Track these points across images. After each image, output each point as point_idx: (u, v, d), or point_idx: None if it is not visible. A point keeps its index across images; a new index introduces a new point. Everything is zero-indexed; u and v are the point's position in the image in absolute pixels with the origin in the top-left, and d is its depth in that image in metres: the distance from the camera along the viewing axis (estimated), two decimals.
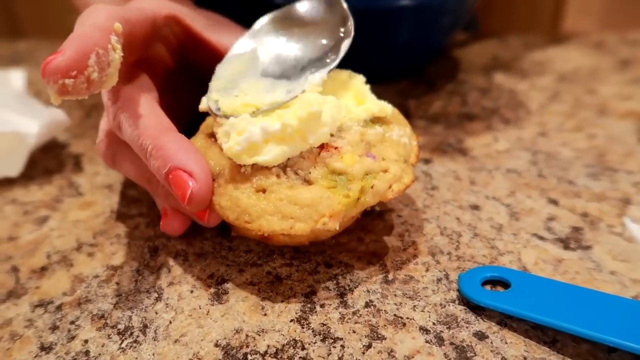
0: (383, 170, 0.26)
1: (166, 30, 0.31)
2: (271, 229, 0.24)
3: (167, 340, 0.24)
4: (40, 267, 0.29)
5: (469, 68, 0.53)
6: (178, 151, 0.25)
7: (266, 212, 0.24)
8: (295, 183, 0.25)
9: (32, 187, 0.36)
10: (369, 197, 0.25)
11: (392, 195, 0.26)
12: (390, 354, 0.23)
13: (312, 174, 0.25)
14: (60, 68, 0.23)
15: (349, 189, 0.25)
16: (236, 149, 0.25)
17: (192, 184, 0.25)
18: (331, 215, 0.24)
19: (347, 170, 0.25)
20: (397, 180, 0.26)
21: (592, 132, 0.41)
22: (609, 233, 0.30)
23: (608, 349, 0.23)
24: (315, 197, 0.24)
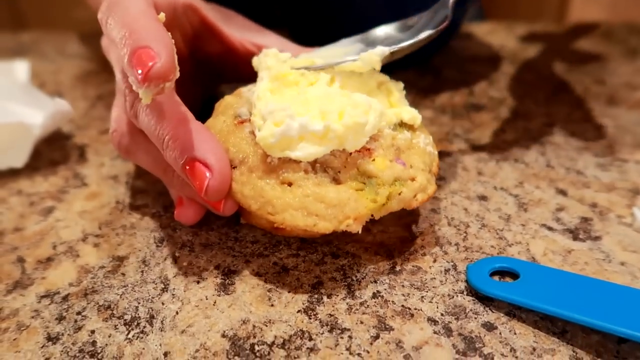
0: (411, 178, 0.26)
1: (184, 18, 0.31)
2: (294, 224, 0.24)
3: (174, 331, 0.24)
4: (46, 258, 0.29)
5: (476, 58, 0.52)
6: (195, 141, 0.25)
7: (291, 207, 0.24)
8: (324, 180, 0.25)
9: (37, 178, 0.36)
10: (395, 204, 0.25)
11: (416, 204, 0.26)
12: (398, 344, 0.23)
13: (341, 174, 0.25)
14: (164, 73, 0.23)
15: (377, 193, 0.25)
16: (270, 140, 0.24)
17: (208, 176, 0.24)
18: (356, 218, 0.24)
19: (378, 175, 0.25)
20: (422, 190, 0.26)
21: (600, 122, 0.40)
22: (618, 224, 0.30)
23: (618, 340, 0.23)
24: (343, 198, 0.24)
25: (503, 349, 0.23)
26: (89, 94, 0.47)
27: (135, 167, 0.36)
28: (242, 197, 0.25)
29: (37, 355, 0.23)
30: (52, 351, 0.23)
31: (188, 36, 0.32)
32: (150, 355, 0.23)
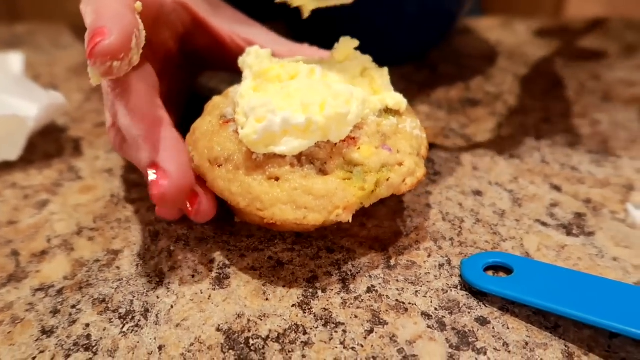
0: (398, 163, 0.26)
1: (173, 16, 0.31)
2: (284, 218, 0.24)
3: (169, 325, 0.24)
4: (41, 251, 0.29)
5: (473, 53, 0.52)
6: (162, 146, 0.25)
7: (280, 201, 0.24)
8: (310, 173, 0.25)
9: (31, 171, 0.35)
10: (384, 190, 0.25)
11: (405, 188, 0.26)
12: (392, 339, 0.23)
13: (327, 165, 0.25)
14: (111, 50, 0.23)
15: (364, 181, 0.25)
16: (253, 137, 0.24)
17: (163, 183, 0.24)
18: (345, 207, 0.24)
19: (364, 162, 0.25)
20: (411, 174, 0.26)
21: (596, 118, 0.40)
22: (612, 219, 0.30)
23: (610, 335, 0.23)
24: (331, 188, 0.24)
25: (496, 344, 0.23)
26: (83, 87, 0.47)
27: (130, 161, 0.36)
28: (230, 195, 0.25)
29: (31, 348, 0.23)
30: (46, 344, 0.23)
31: (178, 33, 0.32)
32: (145, 348, 0.23)
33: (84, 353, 0.23)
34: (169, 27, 0.31)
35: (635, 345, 0.22)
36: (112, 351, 0.23)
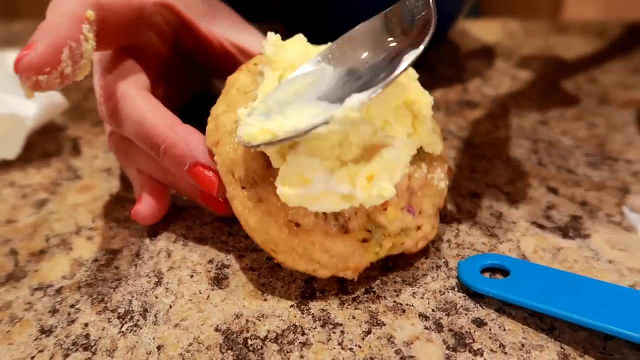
0: (417, 226, 0.25)
1: (157, 18, 0.30)
2: (295, 267, 0.25)
3: (168, 325, 0.24)
4: (39, 251, 0.29)
5: (470, 55, 0.53)
6: (191, 147, 0.26)
7: (295, 251, 0.24)
8: (332, 229, 0.24)
9: (30, 170, 0.35)
10: (394, 250, 0.25)
11: (414, 250, 0.26)
12: (389, 339, 0.23)
13: (350, 222, 0.24)
14: (33, 65, 0.22)
15: (380, 246, 0.25)
16: (293, 201, 0.23)
17: (215, 179, 0.26)
18: (355, 268, 0.25)
19: (387, 226, 0.24)
20: (425, 238, 0.26)
21: (592, 121, 0.41)
22: (607, 222, 0.30)
23: (605, 337, 0.23)
24: (348, 251, 0.24)
25: (492, 345, 0.23)
26: (82, 86, 0.47)
27: None
28: (246, 225, 0.25)
29: (30, 347, 0.23)
30: (45, 343, 0.24)
31: (166, 34, 0.32)
32: (143, 348, 0.23)
33: (82, 352, 0.23)
34: (154, 30, 0.31)
35: (629, 348, 0.23)
36: (111, 351, 0.23)
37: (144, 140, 0.27)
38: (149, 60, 0.31)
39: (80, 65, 0.24)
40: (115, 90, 0.28)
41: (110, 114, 0.28)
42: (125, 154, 0.30)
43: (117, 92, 0.28)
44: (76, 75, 0.24)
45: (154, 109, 0.27)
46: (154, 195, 0.29)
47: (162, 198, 0.30)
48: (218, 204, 0.28)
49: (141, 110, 0.27)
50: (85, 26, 0.24)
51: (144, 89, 0.28)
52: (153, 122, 0.26)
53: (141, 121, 0.27)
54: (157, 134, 0.26)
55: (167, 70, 0.33)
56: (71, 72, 0.24)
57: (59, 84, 0.23)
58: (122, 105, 0.27)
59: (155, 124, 0.26)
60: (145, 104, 0.27)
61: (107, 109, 0.28)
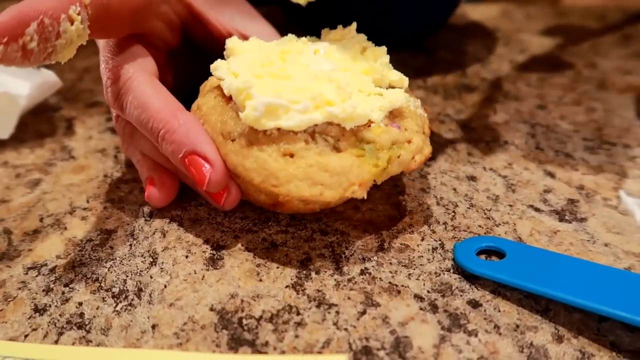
0: (407, 140, 0.26)
1: (165, 7, 0.30)
2: (300, 194, 0.24)
3: (162, 304, 0.24)
4: (33, 230, 0.29)
5: (470, 39, 0.52)
6: (190, 134, 0.25)
7: (296, 177, 0.24)
8: (325, 149, 0.25)
9: (23, 150, 0.35)
10: (395, 167, 0.26)
11: (414, 165, 0.26)
12: (384, 320, 0.23)
13: (340, 142, 0.25)
14: None
15: (377, 158, 0.25)
16: (254, 114, 0.24)
17: (208, 168, 0.25)
18: (360, 183, 0.24)
19: (376, 140, 0.25)
20: (419, 152, 0.26)
21: (591, 106, 0.40)
22: (604, 206, 0.30)
23: (599, 318, 0.23)
24: (346, 165, 0.24)
25: (487, 326, 0.23)
26: (76, 66, 0.46)
27: None
28: (243, 170, 0.25)
29: (24, 325, 0.23)
30: (39, 322, 0.23)
31: (174, 23, 0.31)
32: (138, 327, 0.23)
33: (77, 331, 0.23)
34: (162, 19, 0.30)
35: (623, 329, 0.23)
36: (105, 329, 0.23)
37: (145, 124, 0.26)
38: (158, 48, 0.31)
39: (56, 44, 0.23)
40: (122, 74, 0.27)
41: (115, 98, 0.27)
42: (131, 137, 0.30)
43: (123, 75, 0.27)
44: (50, 55, 0.23)
45: (159, 94, 0.27)
46: (165, 178, 0.29)
47: (172, 180, 0.29)
48: (216, 196, 0.27)
49: (145, 94, 0.26)
50: (74, 7, 0.24)
51: (151, 74, 0.28)
52: (156, 107, 0.26)
53: (144, 105, 0.26)
54: (158, 119, 0.26)
55: (175, 58, 0.33)
56: (39, 49, 0.22)
57: (20, 59, 0.22)
58: (127, 89, 0.27)
59: (158, 109, 0.26)
60: (150, 89, 0.27)
61: (113, 93, 0.27)
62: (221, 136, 0.26)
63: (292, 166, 0.24)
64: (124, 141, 0.31)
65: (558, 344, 0.22)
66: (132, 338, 0.23)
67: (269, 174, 0.24)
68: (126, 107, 0.27)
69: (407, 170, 0.26)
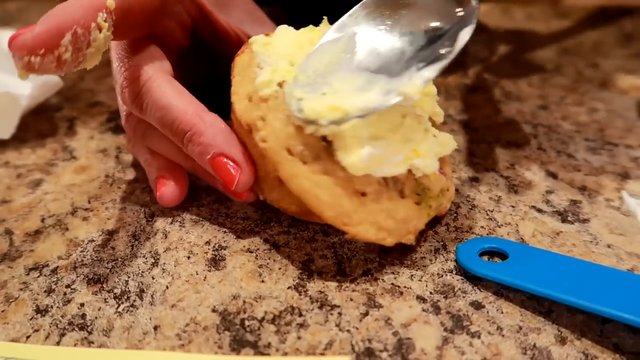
0: (447, 188, 0.27)
1: (178, 7, 0.30)
2: (367, 237, 0.24)
3: (164, 305, 0.24)
4: (35, 231, 0.29)
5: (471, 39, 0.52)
6: (218, 137, 0.26)
7: (367, 221, 0.24)
8: (394, 194, 0.25)
9: (24, 150, 0.35)
10: (435, 212, 0.27)
11: (444, 212, 0.27)
12: (387, 321, 0.23)
13: (405, 186, 0.25)
14: (26, 45, 0.21)
15: (430, 207, 0.25)
16: (359, 166, 0.23)
17: (236, 172, 0.26)
18: (414, 232, 0.25)
19: (431, 187, 0.25)
20: (450, 199, 0.28)
21: (593, 106, 0.40)
22: (606, 207, 0.30)
23: (602, 320, 0.23)
24: (409, 214, 0.25)
25: (490, 327, 0.23)
26: None
27: (125, 142, 0.36)
28: (315, 200, 0.23)
29: (25, 326, 0.23)
30: (41, 323, 0.23)
31: (186, 23, 0.31)
32: (140, 328, 0.23)
33: (78, 332, 0.23)
34: (175, 19, 0.30)
35: (627, 331, 0.23)
36: (107, 331, 0.23)
37: (170, 126, 0.26)
38: (169, 48, 0.31)
39: (86, 53, 0.23)
40: (141, 74, 0.27)
41: (134, 98, 0.27)
42: (143, 136, 0.29)
43: (143, 76, 0.27)
44: (80, 64, 0.24)
45: (181, 94, 0.27)
46: (175, 177, 0.29)
47: (183, 179, 0.30)
48: (239, 192, 0.28)
49: (168, 96, 0.26)
50: (101, 15, 0.24)
51: (169, 74, 0.28)
52: (181, 108, 0.26)
53: (168, 106, 0.26)
54: (184, 120, 0.26)
55: (184, 58, 0.33)
56: (72, 59, 0.23)
57: (55, 69, 0.23)
58: (148, 89, 0.27)
59: (184, 111, 0.26)
60: (171, 89, 0.27)
61: (131, 93, 0.27)
62: (287, 151, 0.24)
63: (365, 209, 0.24)
64: (132, 139, 0.31)
65: (561, 345, 0.22)
66: (134, 339, 0.23)
67: (343, 212, 0.23)
68: (146, 108, 0.27)
69: (439, 215, 0.27)
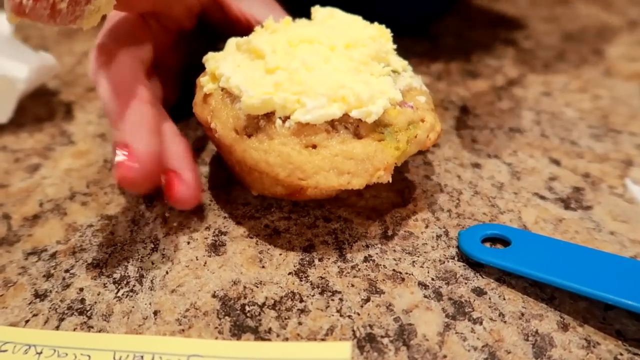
0: (420, 119, 0.26)
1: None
2: (329, 185, 0.24)
3: (164, 290, 0.24)
4: (33, 215, 0.28)
5: (474, 25, 0.51)
6: (133, 126, 0.24)
7: (322, 169, 0.24)
8: (347, 137, 0.24)
9: (22, 135, 0.35)
10: (413, 147, 0.26)
11: (430, 143, 0.26)
12: (388, 307, 0.23)
13: (360, 127, 0.25)
14: None
15: (397, 140, 0.25)
16: (253, 102, 0.24)
17: (130, 165, 0.23)
18: (385, 168, 0.24)
19: (393, 122, 0.25)
20: (432, 129, 0.26)
21: (597, 93, 0.40)
22: (609, 194, 0.30)
23: (605, 306, 0.23)
24: (370, 151, 0.24)
25: (492, 314, 0.23)
26: (75, 50, 0.45)
27: None
28: (267, 166, 0.24)
29: (24, 311, 0.23)
30: (40, 307, 0.23)
31: (194, 8, 0.31)
32: (140, 313, 0.23)
33: (78, 317, 0.23)
34: (184, 2, 0.30)
35: (629, 317, 0.23)
36: (107, 315, 0.23)
37: (106, 104, 0.26)
38: (169, 29, 0.31)
39: (84, 9, 0.22)
40: (109, 53, 0.27)
41: (95, 72, 0.26)
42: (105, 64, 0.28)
43: (109, 54, 0.27)
44: (76, 19, 0.22)
45: (132, 80, 0.26)
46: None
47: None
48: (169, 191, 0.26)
49: (118, 77, 0.26)
50: None
51: (139, 61, 0.27)
52: (120, 90, 0.25)
53: (111, 86, 0.25)
54: (117, 102, 0.25)
55: (185, 40, 0.33)
56: (68, 11, 0.22)
57: (47, 18, 0.22)
58: (107, 68, 0.26)
59: (120, 93, 0.25)
60: (126, 73, 0.26)
61: (95, 66, 0.26)
62: (234, 132, 0.25)
63: (317, 157, 0.24)
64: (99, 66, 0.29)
65: (563, 332, 0.22)
66: (134, 324, 0.22)
67: (295, 167, 0.24)
68: (99, 83, 0.26)
69: (424, 149, 0.26)
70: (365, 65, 0.26)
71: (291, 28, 0.28)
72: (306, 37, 0.27)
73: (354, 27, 0.28)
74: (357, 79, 0.25)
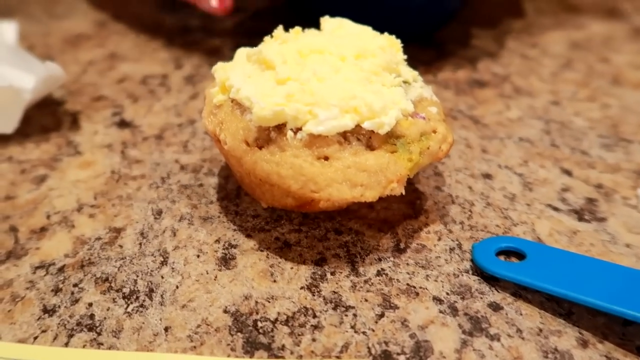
0: (432, 130, 0.26)
1: None
2: (342, 197, 0.24)
3: (175, 305, 0.24)
4: (40, 228, 0.28)
5: (480, 33, 0.51)
6: None
7: (335, 181, 0.24)
8: (359, 149, 0.24)
9: (28, 145, 0.34)
10: (425, 159, 0.25)
11: (442, 155, 0.26)
12: (403, 323, 0.23)
13: (373, 139, 0.24)
14: None
15: (410, 152, 0.25)
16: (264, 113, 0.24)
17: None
18: (398, 180, 0.24)
19: (405, 134, 0.25)
20: (444, 140, 0.26)
21: (605, 102, 0.40)
22: (623, 205, 0.29)
23: (624, 322, 0.23)
24: (382, 163, 0.24)
25: (509, 330, 0.22)
26: (80, 59, 0.45)
27: (130, 136, 0.35)
28: (278, 178, 0.24)
29: (32, 327, 0.23)
30: (48, 323, 0.23)
31: None
32: (150, 329, 0.22)
33: (87, 333, 0.22)
34: None
35: None
36: (117, 332, 0.22)
37: None
38: None
39: None
40: None
41: None
42: None
43: None
44: None
45: None
46: None
47: None
48: None
49: None
50: None
51: None
52: None
53: None
54: None
55: None
56: None
57: None
58: None
59: None
60: None
61: None
62: (245, 144, 0.25)
63: (329, 169, 0.24)
64: None
65: (583, 348, 0.22)
66: (145, 341, 0.22)
67: (307, 179, 0.24)
68: None
69: (436, 160, 0.26)
70: (376, 76, 0.26)
71: (301, 38, 0.28)
72: (316, 47, 0.26)
73: (364, 37, 0.28)
74: (368, 89, 0.25)
